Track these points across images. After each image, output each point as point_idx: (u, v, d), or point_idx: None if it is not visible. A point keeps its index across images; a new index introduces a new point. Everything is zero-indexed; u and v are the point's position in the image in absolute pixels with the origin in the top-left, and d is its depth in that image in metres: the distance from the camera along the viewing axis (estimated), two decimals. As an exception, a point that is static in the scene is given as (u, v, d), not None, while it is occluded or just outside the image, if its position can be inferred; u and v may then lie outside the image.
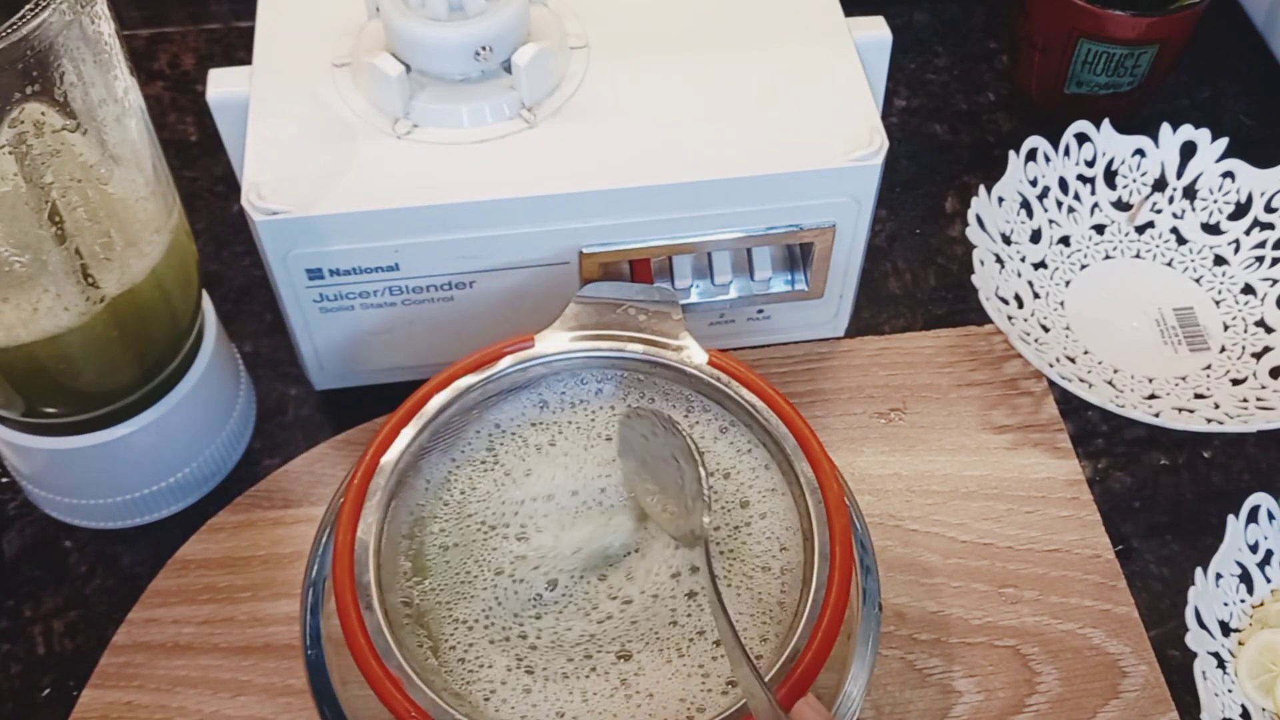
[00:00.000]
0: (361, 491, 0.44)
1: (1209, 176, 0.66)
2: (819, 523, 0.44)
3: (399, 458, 0.45)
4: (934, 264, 0.69)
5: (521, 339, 0.48)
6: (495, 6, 0.54)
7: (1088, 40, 0.67)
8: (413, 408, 0.47)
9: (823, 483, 0.45)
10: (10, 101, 0.42)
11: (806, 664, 0.41)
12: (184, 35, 0.78)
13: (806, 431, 0.46)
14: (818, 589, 0.43)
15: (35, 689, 0.54)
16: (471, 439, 0.48)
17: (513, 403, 0.49)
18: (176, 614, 0.55)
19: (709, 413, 0.49)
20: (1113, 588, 0.56)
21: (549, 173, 0.53)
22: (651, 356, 0.48)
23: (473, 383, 0.47)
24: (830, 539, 0.44)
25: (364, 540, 0.43)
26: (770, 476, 0.47)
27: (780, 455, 0.46)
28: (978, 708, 0.53)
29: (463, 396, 0.47)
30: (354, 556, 0.43)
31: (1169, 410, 0.59)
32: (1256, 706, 0.52)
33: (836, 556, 0.43)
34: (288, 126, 0.55)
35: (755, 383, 0.47)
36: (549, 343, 0.49)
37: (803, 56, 0.58)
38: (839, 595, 0.42)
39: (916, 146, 0.74)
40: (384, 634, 0.41)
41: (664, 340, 0.49)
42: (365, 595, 0.42)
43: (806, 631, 0.42)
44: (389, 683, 0.40)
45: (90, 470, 0.55)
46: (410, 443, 0.46)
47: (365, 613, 0.42)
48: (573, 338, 0.49)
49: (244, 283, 0.67)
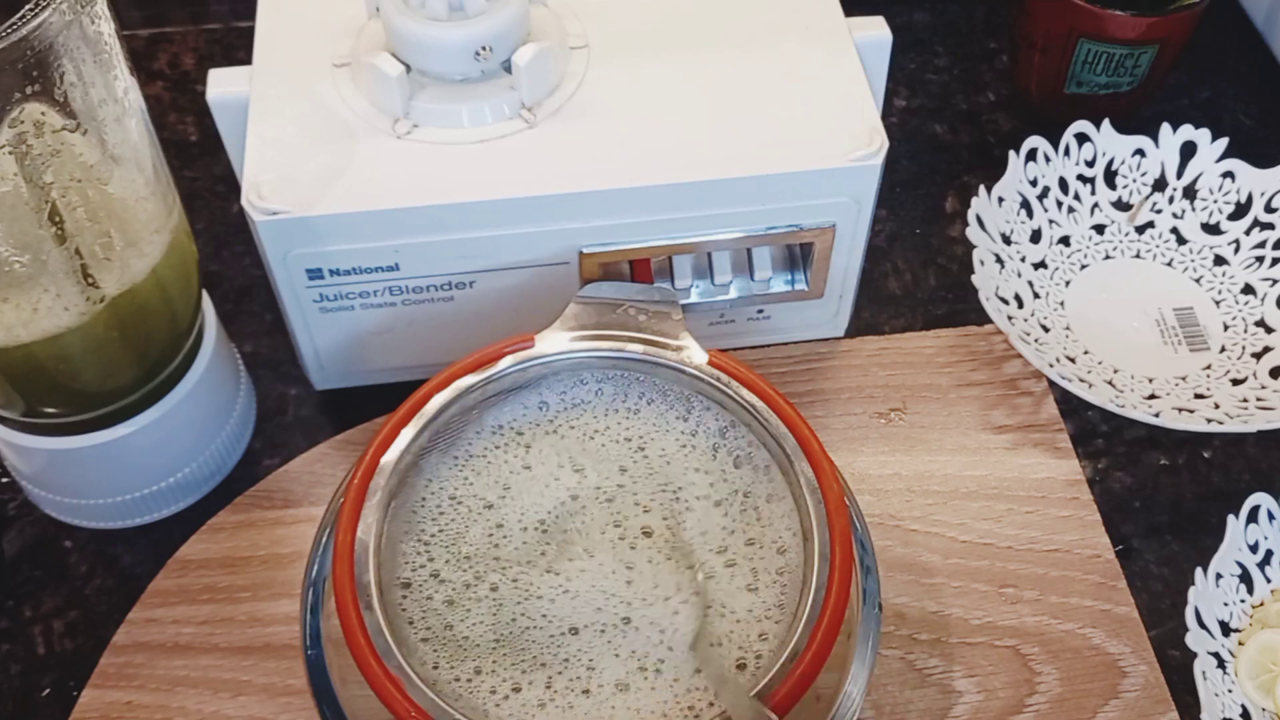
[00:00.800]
0: (362, 491, 0.44)
1: (1209, 176, 0.66)
2: (819, 523, 0.44)
3: (399, 457, 0.45)
4: (934, 264, 0.69)
5: (522, 339, 0.48)
6: (495, 6, 0.54)
7: (1088, 40, 0.67)
8: (413, 408, 0.47)
9: (823, 483, 0.45)
10: (10, 101, 0.42)
11: (806, 665, 0.41)
12: (184, 35, 0.78)
13: (807, 432, 0.46)
14: (817, 590, 0.43)
15: (35, 689, 0.54)
16: (471, 439, 0.49)
17: (513, 403, 0.49)
18: (176, 614, 0.55)
19: (709, 413, 0.49)
20: (1113, 588, 0.56)
21: (549, 173, 0.53)
22: (651, 357, 0.48)
23: (473, 383, 0.47)
24: (830, 540, 0.44)
25: (364, 540, 0.43)
26: (770, 477, 0.47)
27: (780, 455, 0.46)
28: (978, 708, 0.53)
29: (463, 396, 0.47)
30: (354, 557, 0.43)
31: (1169, 410, 0.59)
32: (1256, 706, 0.52)
33: (836, 557, 0.43)
34: (288, 126, 0.55)
35: (755, 383, 0.47)
36: (549, 343, 0.49)
37: (803, 56, 0.58)
38: (839, 596, 0.42)
39: (916, 146, 0.74)
40: (384, 634, 0.41)
41: (664, 340, 0.49)
42: (365, 595, 0.42)
43: (806, 632, 0.42)
44: (389, 683, 0.40)
45: (90, 470, 0.55)
46: (411, 443, 0.46)
47: (365, 613, 0.42)
48: (573, 338, 0.49)
49: (244, 283, 0.67)
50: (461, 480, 0.48)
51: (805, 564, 0.44)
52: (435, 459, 0.48)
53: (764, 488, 0.47)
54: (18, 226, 0.45)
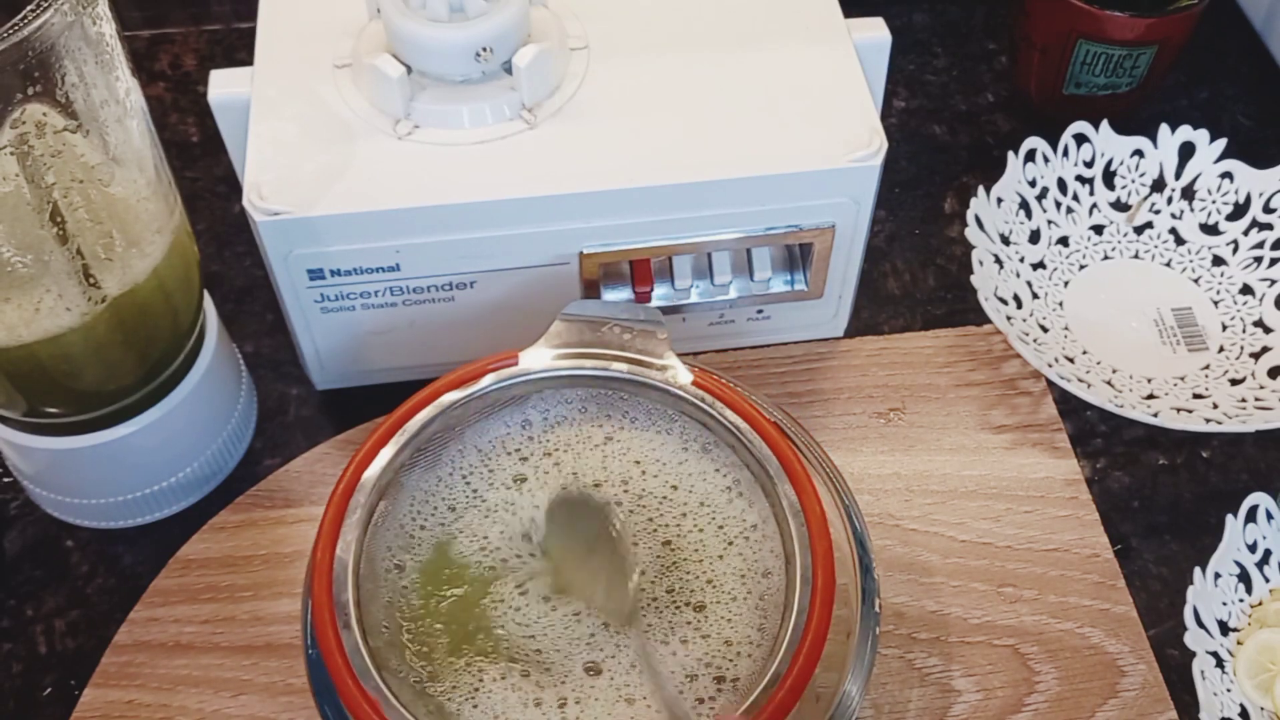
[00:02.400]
0: (341, 508, 0.44)
1: (1207, 177, 0.67)
2: (801, 546, 0.44)
3: (380, 474, 0.45)
4: (933, 264, 0.69)
5: (505, 356, 0.48)
6: (496, 8, 0.54)
7: (1087, 41, 0.68)
8: (395, 424, 0.46)
9: (805, 506, 0.44)
10: (12, 102, 0.42)
11: (787, 690, 0.41)
12: (185, 36, 0.78)
13: (790, 454, 0.46)
14: (799, 614, 0.42)
15: (37, 688, 0.54)
16: (454, 456, 0.48)
17: (495, 420, 0.49)
18: (178, 613, 0.55)
19: (691, 433, 0.49)
20: (1111, 587, 0.56)
21: (549, 173, 0.54)
22: (635, 376, 0.48)
23: (456, 399, 0.47)
24: (813, 563, 0.43)
25: (342, 559, 0.43)
26: (753, 499, 0.47)
27: (764, 477, 0.46)
28: (976, 707, 0.53)
29: (445, 413, 0.47)
30: (333, 575, 0.43)
31: (1167, 410, 0.59)
32: (1255, 706, 0.52)
33: (819, 581, 0.43)
34: (289, 127, 0.55)
35: (739, 404, 0.47)
36: (533, 360, 0.48)
37: (802, 57, 0.58)
38: (820, 621, 0.42)
39: (916, 147, 0.74)
40: (361, 653, 0.41)
41: (648, 360, 0.48)
42: (344, 614, 0.42)
43: (787, 658, 0.41)
44: (365, 703, 0.40)
45: (92, 470, 0.55)
46: (392, 459, 0.46)
47: (343, 631, 0.42)
48: (556, 355, 0.48)
49: (245, 283, 0.67)
50: (443, 498, 0.47)
51: (787, 588, 0.44)
52: (417, 476, 0.48)
53: (745, 511, 0.47)
54: (20, 227, 0.45)
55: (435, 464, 0.48)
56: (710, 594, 0.45)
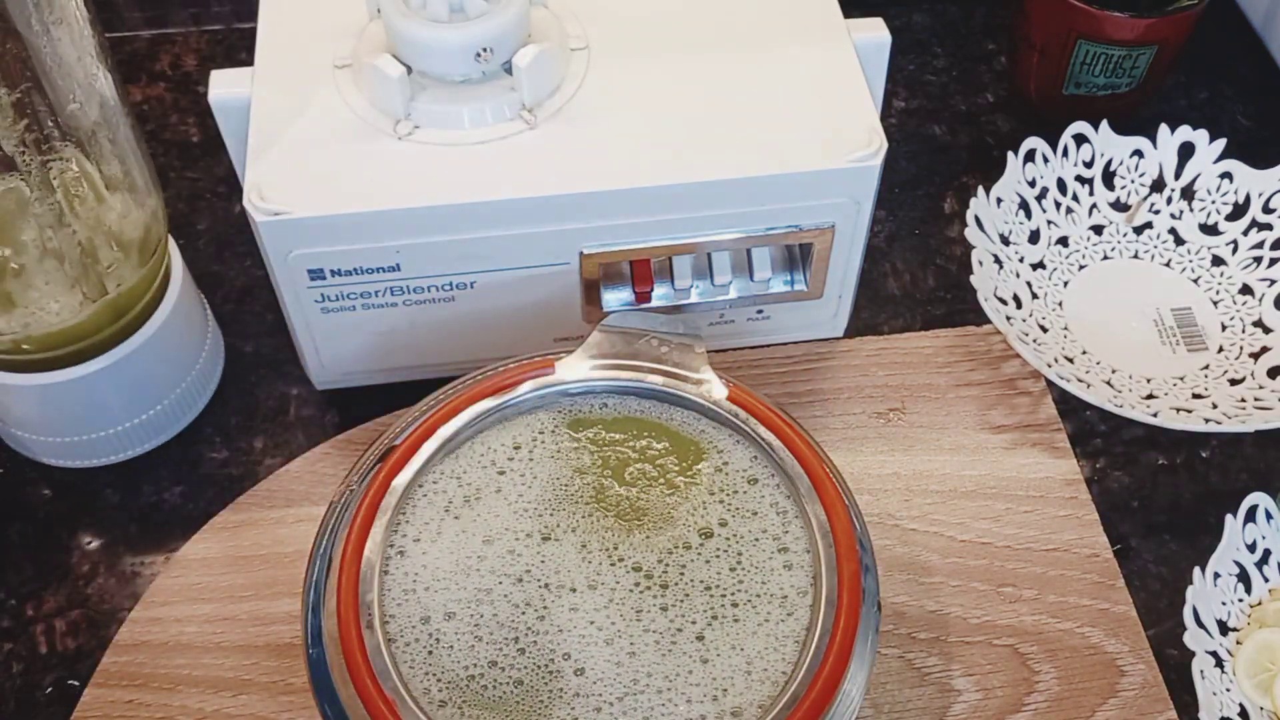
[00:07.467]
0: (373, 510, 0.44)
1: (1207, 177, 0.67)
2: (828, 568, 0.43)
3: (413, 478, 0.45)
4: (933, 264, 0.69)
5: (542, 363, 0.48)
6: (496, 8, 0.54)
7: (1086, 41, 0.68)
8: (429, 428, 0.46)
9: (835, 527, 0.44)
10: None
11: (805, 712, 0.40)
12: (186, 37, 0.78)
13: (822, 473, 0.45)
14: (822, 635, 0.42)
15: (37, 688, 0.54)
16: (487, 464, 0.48)
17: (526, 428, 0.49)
18: (178, 613, 0.55)
19: (723, 448, 0.49)
20: (1111, 587, 0.56)
21: (549, 173, 0.54)
22: (671, 389, 0.48)
23: (491, 406, 0.47)
24: (838, 585, 0.42)
25: (370, 559, 0.43)
26: (783, 516, 0.46)
27: (795, 494, 0.46)
28: (976, 706, 0.53)
29: (480, 420, 0.47)
30: (360, 574, 0.43)
31: (1167, 410, 0.60)
32: (1254, 705, 0.52)
33: (844, 603, 0.42)
34: (289, 128, 0.55)
35: (773, 420, 0.47)
36: (570, 369, 0.48)
37: (802, 58, 0.58)
38: (843, 643, 0.41)
39: (915, 147, 0.74)
40: (382, 654, 0.41)
41: (685, 373, 0.48)
42: (367, 613, 0.42)
43: (807, 680, 0.41)
44: (382, 703, 0.40)
45: (63, 407, 0.57)
46: (425, 464, 0.46)
47: (365, 631, 0.42)
48: (593, 366, 0.48)
49: (246, 283, 0.67)
50: (468, 503, 0.47)
51: (812, 607, 0.43)
52: (446, 481, 0.47)
53: (774, 527, 0.46)
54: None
55: (467, 470, 0.47)
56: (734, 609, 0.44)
